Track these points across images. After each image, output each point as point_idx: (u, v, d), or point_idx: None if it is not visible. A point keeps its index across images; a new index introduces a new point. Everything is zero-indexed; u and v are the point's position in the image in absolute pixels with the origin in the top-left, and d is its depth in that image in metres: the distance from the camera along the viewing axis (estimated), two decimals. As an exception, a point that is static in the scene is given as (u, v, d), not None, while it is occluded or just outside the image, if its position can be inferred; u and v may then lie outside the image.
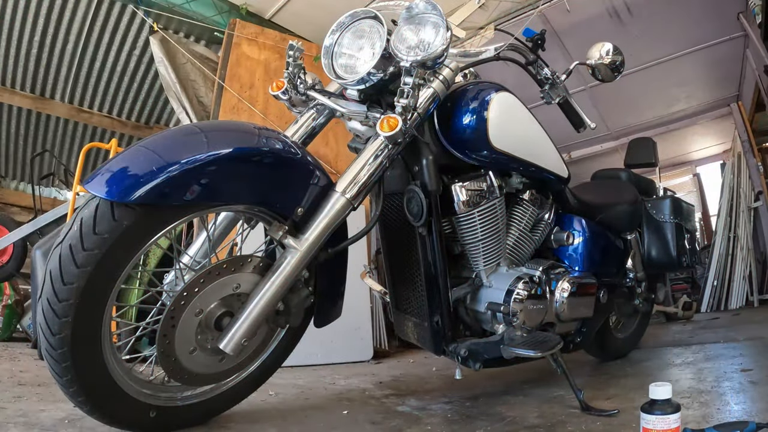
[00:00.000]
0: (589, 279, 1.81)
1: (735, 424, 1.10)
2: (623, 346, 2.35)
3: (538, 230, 1.78)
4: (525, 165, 1.62)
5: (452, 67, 1.45)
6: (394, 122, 1.26)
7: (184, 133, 1.24)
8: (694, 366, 1.97)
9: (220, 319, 1.23)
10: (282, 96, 1.54)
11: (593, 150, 5.54)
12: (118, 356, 1.19)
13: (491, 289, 1.57)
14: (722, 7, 3.64)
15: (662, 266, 2.28)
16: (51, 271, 1.06)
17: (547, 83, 1.73)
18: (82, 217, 1.08)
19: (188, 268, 1.40)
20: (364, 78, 1.37)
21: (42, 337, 1.07)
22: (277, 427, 1.40)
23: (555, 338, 1.52)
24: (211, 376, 1.31)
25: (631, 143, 2.82)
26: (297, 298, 1.33)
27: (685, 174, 7.25)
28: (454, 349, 1.50)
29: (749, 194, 4.33)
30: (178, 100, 3.65)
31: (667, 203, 2.28)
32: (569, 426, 1.32)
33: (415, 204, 1.44)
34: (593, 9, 3.75)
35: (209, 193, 1.15)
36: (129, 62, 4.17)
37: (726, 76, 4.49)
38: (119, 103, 4.59)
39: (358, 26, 1.45)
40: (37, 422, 1.34)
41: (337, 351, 2.86)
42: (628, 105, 4.92)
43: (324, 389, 2.05)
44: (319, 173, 1.31)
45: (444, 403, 1.68)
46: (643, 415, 1.02)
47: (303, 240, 1.26)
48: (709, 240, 5.39)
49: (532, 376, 2.03)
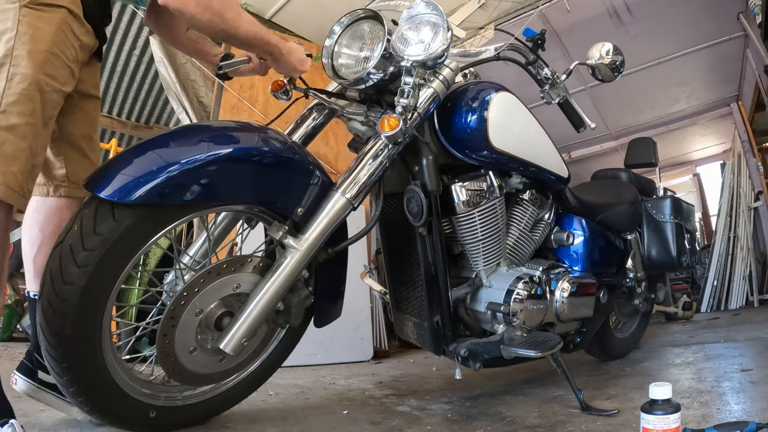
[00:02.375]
0: (589, 279, 1.81)
1: (735, 424, 1.10)
2: (623, 346, 2.35)
3: (538, 230, 1.78)
4: (525, 165, 1.62)
5: (452, 67, 1.45)
6: (394, 122, 1.26)
7: (184, 133, 1.24)
8: (694, 366, 1.97)
9: (220, 319, 1.24)
10: (282, 96, 1.54)
11: (593, 150, 5.55)
12: (118, 356, 1.19)
13: (491, 289, 1.57)
14: (722, 7, 3.64)
15: (662, 266, 2.28)
16: (51, 271, 1.06)
17: (547, 83, 1.73)
18: (82, 217, 1.08)
19: (188, 268, 1.40)
20: (364, 78, 1.37)
21: (42, 337, 1.07)
22: (277, 427, 1.40)
23: (555, 338, 1.52)
24: (211, 376, 1.32)
25: (631, 143, 2.82)
26: (297, 298, 1.33)
27: (685, 174, 7.26)
28: (454, 349, 1.50)
29: (749, 194, 4.33)
30: (178, 100, 3.65)
31: (667, 203, 2.28)
32: (569, 426, 1.32)
33: (415, 204, 1.44)
34: (593, 9, 3.75)
35: (209, 193, 1.15)
36: (129, 62, 4.17)
37: (726, 76, 4.49)
38: (119, 103, 4.58)
39: (358, 26, 1.45)
40: (37, 422, 1.35)
41: (337, 351, 2.86)
42: (628, 105, 4.92)
43: (324, 389, 2.05)
44: (319, 173, 1.31)
45: (444, 403, 1.68)
46: (643, 415, 1.02)
47: (303, 240, 1.26)
48: (709, 240, 5.39)
49: (532, 376, 2.03)
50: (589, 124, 1.78)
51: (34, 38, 1.09)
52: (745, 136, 4.39)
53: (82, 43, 1.22)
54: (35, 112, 1.09)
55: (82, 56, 1.24)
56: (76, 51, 1.20)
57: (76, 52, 1.19)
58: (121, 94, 4.50)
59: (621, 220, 2.14)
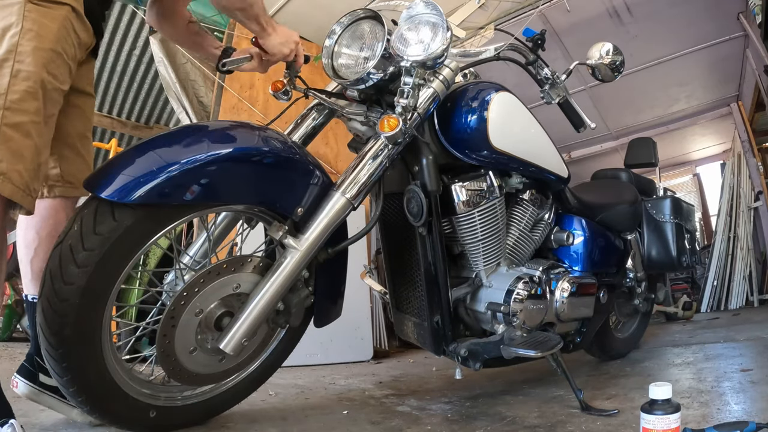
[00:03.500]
0: (589, 279, 1.81)
1: (735, 424, 1.10)
2: (623, 346, 2.35)
3: (538, 230, 1.78)
4: (525, 165, 1.62)
5: (452, 67, 1.45)
6: (394, 122, 1.26)
7: (184, 133, 1.24)
8: (694, 366, 1.97)
9: (220, 319, 1.24)
10: (282, 96, 1.54)
11: (593, 150, 5.55)
12: (118, 356, 1.19)
13: (491, 289, 1.57)
14: (722, 7, 3.64)
15: (662, 266, 2.28)
16: (51, 271, 1.06)
17: (547, 83, 1.73)
18: (82, 217, 1.08)
19: (188, 268, 1.40)
20: (364, 78, 1.37)
21: (42, 337, 1.06)
22: (277, 427, 1.40)
23: (555, 338, 1.52)
24: (211, 376, 1.32)
25: (631, 143, 2.82)
26: (297, 298, 1.33)
27: (685, 174, 7.26)
28: (454, 349, 1.50)
29: (749, 194, 4.34)
30: (178, 100, 3.65)
31: (667, 203, 2.28)
32: (569, 426, 1.32)
33: (415, 204, 1.44)
34: (593, 9, 3.75)
35: (209, 193, 1.15)
36: (129, 62, 4.17)
37: (726, 76, 4.49)
38: (119, 103, 4.59)
39: (358, 26, 1.45)
40: (37, 422, 1.35)
41: (337, 351, 2.86)
42: (628, 105, 4.92)
43: (324, 389, 2.05)
44: (319, 173, 1.31)
45: (444, 403, 1.68)
46: (643, 415, 1.02)
47: (303, 240, 1.26)
48: (709, 240, 5.39)
49: (532, 376, 2.03)
50: (589, 124, 1.78)
51: (39, 35, 1.08)
52: (745, 136, 4.39)
53: (81, 40, 1.21)
54: (39, 110, 1.07)
55: (80, 54, 1.23)
56: (75, 49, 1.19)
57: (75, 51, 1.19)
58: (121, 94, 4.50)
59: (621, 220, 2.14)
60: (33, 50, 1.06)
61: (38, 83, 1.07)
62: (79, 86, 1.32)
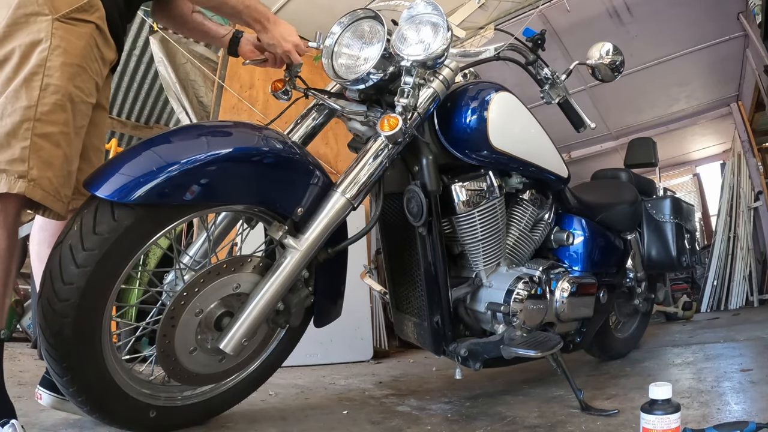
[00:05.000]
0: (589, 279, 1.81)
1: (735, 424, 1.10)
2: (623, 346, 2.35)
3: (538, 230, 1.78)
4: (525, 165, 1.62)
5: (452, 67, 1.45)
6: (394, 122, 1.26)
7: (184, 133, 1.24)
8: (694, 366, 1.97)
9: (220, 319, 1.24)
10: (282, 96, 1.54)
11: (593, 150, 5.54)
12: (118, 356, 1.19)
13: (491, 289, 1.57)
14: (722, 7, 3.64)
15: (662, 266, 2.28)
16: (51, 271, 1.06)
17: (547, 83, 1.73)
18: (82, 217, 1.08)
19: (188, 268, 1.40)
20: (364, 78, 1.37)
21: (42, 337, 1.07)
22: (276, 427, 1.40)
23: (555, 338, 1.52)
24: (211, 376, 1.32)
25: (631, 143, 2.82)
26: (297, 298, 1.33)
27: (685, 174, 7.26)
28: (454, 349, 1.50)
29: (749, 194, 4.34)
30: (178, 100, 3.65)
31: (667, 203, 2.28)
32: (569, 426, 1.32)
33: (415, 204, 1.44)
34: (593, 9, 3.75)
35: (209, 193, 1.15)
36: (129, 62, 4.17)
37: (726, 76, 4.49)
38: (119, 102, 4.58)
39: (358, 26, 1.45)
40: (37, 422, 1.35)
41: (337, 351, 2.86)
42: (628, 105, 4.92)
43: (324, 389, 2.05)
44: (319, 173, 1.31)
45: (444, 403, 1.68)
46: (643, 415, 1.02)
47: (303, 240, 1.26)
48: (709, 240, 5.39)
49: (532, 376, 2.03)
50: (589, 124, 1.78)
51: (66, 51, 1.12)
52: (745, 136, 4.39)
53: (105, 57, 1.25)
54: (68, 121, 1.12)
55: (104, 70, 1.27)
56: (100, 65, 1.23)
57: (99, 67, 1.23)
58: (121, 94, 4.50)
59: (621, 220, 2.14)
60: (61, 65, 1.11)
61: (66, 96, 1.11)
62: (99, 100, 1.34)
